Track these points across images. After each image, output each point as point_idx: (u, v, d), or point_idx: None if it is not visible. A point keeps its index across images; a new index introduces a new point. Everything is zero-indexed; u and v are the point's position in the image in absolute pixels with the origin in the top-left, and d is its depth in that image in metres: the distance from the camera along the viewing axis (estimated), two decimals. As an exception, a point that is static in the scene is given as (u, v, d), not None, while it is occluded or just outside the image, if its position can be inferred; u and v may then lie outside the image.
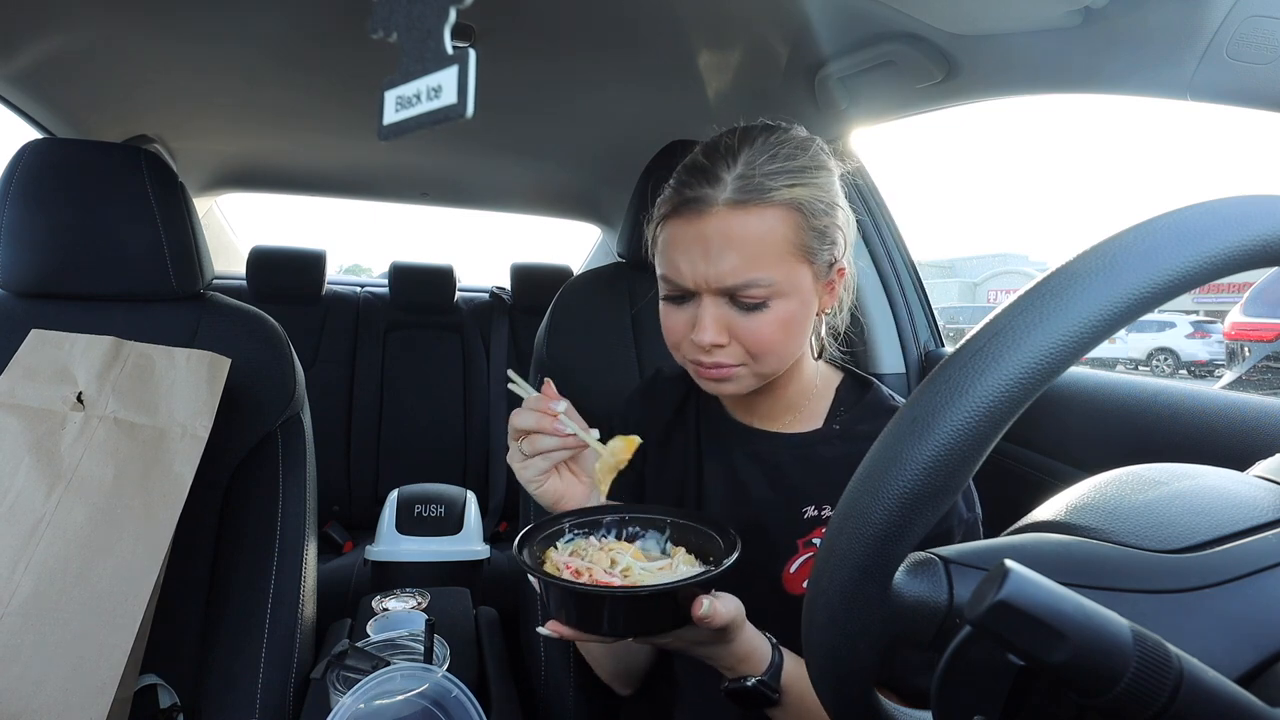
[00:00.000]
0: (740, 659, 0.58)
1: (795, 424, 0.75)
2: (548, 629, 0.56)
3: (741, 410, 0.78)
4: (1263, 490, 0.39)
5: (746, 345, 0.65)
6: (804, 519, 0.70)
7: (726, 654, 0.58)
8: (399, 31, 0.35)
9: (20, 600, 0.67)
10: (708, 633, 0.55)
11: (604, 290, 1.11)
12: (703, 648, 0.58)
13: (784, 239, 0.63)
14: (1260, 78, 0.69)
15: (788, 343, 0.66)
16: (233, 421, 0.90)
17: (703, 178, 0.64)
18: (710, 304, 0.64)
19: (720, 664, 0.59)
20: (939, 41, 0.95)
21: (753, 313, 0.64)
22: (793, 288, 0.64)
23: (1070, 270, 0.30)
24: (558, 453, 0.66)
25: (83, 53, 1.20)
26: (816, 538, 0.69)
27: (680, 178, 0.66)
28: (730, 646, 0.57)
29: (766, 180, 0.62)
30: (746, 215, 0.62)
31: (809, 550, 0.69)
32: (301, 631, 0.93)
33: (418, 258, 2.30)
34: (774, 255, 0.63)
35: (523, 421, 0.65)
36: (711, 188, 0.63)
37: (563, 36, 1.15)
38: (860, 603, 0.33)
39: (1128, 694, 0.25)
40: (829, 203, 0.66)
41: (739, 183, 0.62)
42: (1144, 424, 0.89)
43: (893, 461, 0.31)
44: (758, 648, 0.59)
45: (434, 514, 1.47)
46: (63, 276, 0.92)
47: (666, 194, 0.67)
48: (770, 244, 0.62)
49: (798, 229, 0.63)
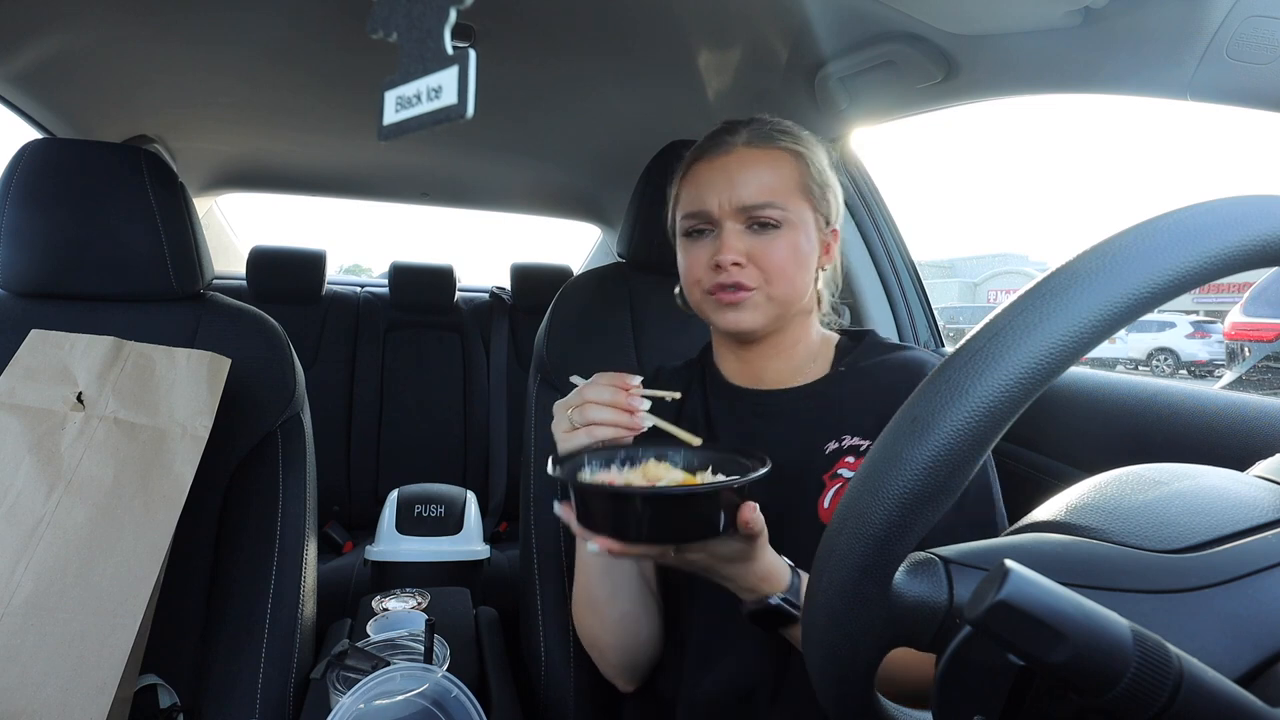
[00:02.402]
0: (761, 578, 0.60)
1: (804, 378, 0.78)
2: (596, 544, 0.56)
3: (752, 379, 0.80)
4: (1263, 490, 0.39)
5: (762, 266, 0.72)
6: (826, 454, 0.73)
7: (749, 573, 0.59)
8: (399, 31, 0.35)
9: (20, 600, 0.67)
10: (738, 547, 0.57)
11: (604, 290, 1.11)
12: (729, 565, 0.59)
13: (792, 178, 0.74)
14: (1260, 78, 0.69)
15: (797, 271, 0.74)
16: (233, 421, 0.90)
17: (722, 132, 0.77)
18: (730, 228, 0.73)
19: (742, 584, 0.60)
20: (939, 41, 0.95)
21: (768, 233, 0.73)
22: (800, 222, 0.74)
23: (1070, 270, 0.30)
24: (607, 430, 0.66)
25: (83, 53, 1.20)
26: (842, 469, 0.72)
27: (701, 141, 0.78)
28: (753, 565, 0.59)
29: (775, 134, 0.75)
30: (762, 153, 0.74)
31: (837, 482, 0.72)
32: (301, 631, 0.93)
33: (418, 258, 2.30)
34: (785, 188, 0.73)
35: (594, 394, 0.67)
36: (731, 135, 0.76)
37: (563, 36, 1.15)
38: (860, 603, 0.33)
39: (1128, 694, 0.25)
40: (823, 169, 0.77)
41: (752, 133, 0.75)
42: (1144, 424, 0.89)
43: (893, 462, 0.31)
44: (778, 568, 0.61)
45: (434, 514, 1.47)
46: (63, 276, 0.92)
47: (689, 153, 0.79)
48: (781, 179, 0.73)
49: (802, 174, 0.74)
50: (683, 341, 1.03)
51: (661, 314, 1.09)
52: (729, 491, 0.54)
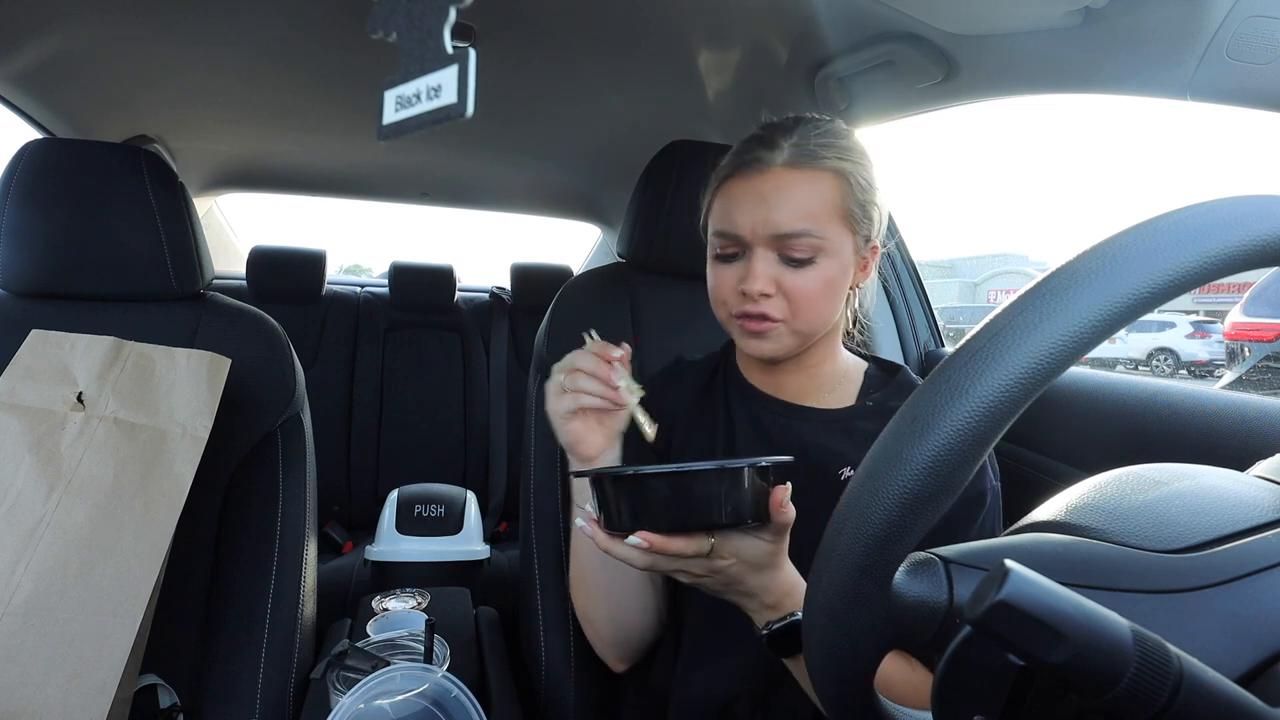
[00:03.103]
0: (786, 592, 0.58)
1: (827, 402, 0.77)
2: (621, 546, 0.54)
3: (774, 386, 0.79)
4: (1263, 490, 0.39)
5: (791, 299, 0.69)
6: (841, 480, 0.72)
7: (776, 585, 0.57)
8: (399, 31, 0.35)
9: (20, 600, 0.67)
10: (766, 548, 0.55)
11: (604, 290, 1.11)
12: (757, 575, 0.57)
13: (832, 202, 0.69)
14: (1260, 78, 0.69)
15: (828, 303, 0.71)
16: (233, 421, 0.90)
17: (760, 144, 0.71)
18: (761, 255, 0.70)
19: (767, 599, 0.58)
20: (939, 41, 0.95)
21: (800, 268, 0.69)
22: (837, 249, 0.70)
23: (1070, 270, 0.30)
24: (591, 399, 0.66)
25: (83, 53, 1.20)
26: None
27: (739, 147, 0.73)
28: (780, 575, 0.57)
29: (819, 149, 0.69)
30: (800, 175, 0.69)
31: None
32: (301, 631, 0.93)
33: (418, 258, 2.29)
34: (824, 214, 0.69)
35: (581, 361, 0.67)
36: (769, 151, 0.70)
37: (563, 36, 1.15)
38: (860, 603, 0.33)
39: (1128, 694, 0.25)
40: (869, 183, 0.71)
41: (794, 149, 0.69)
42: (1144, 424, 0.89)
43: (893, 461, 0.31)
44: (800, 582, 0.59)
45: (434, 514, 1.47)
46: (63, 276, 0.92)
47: (725, 161, 0.74)
48: (821, 204, 0.69)
49: (845, 196, 0.69)
50: (683, 342, 1.03)
51: (662, 314, 1.08)
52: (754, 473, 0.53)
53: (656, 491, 0.53)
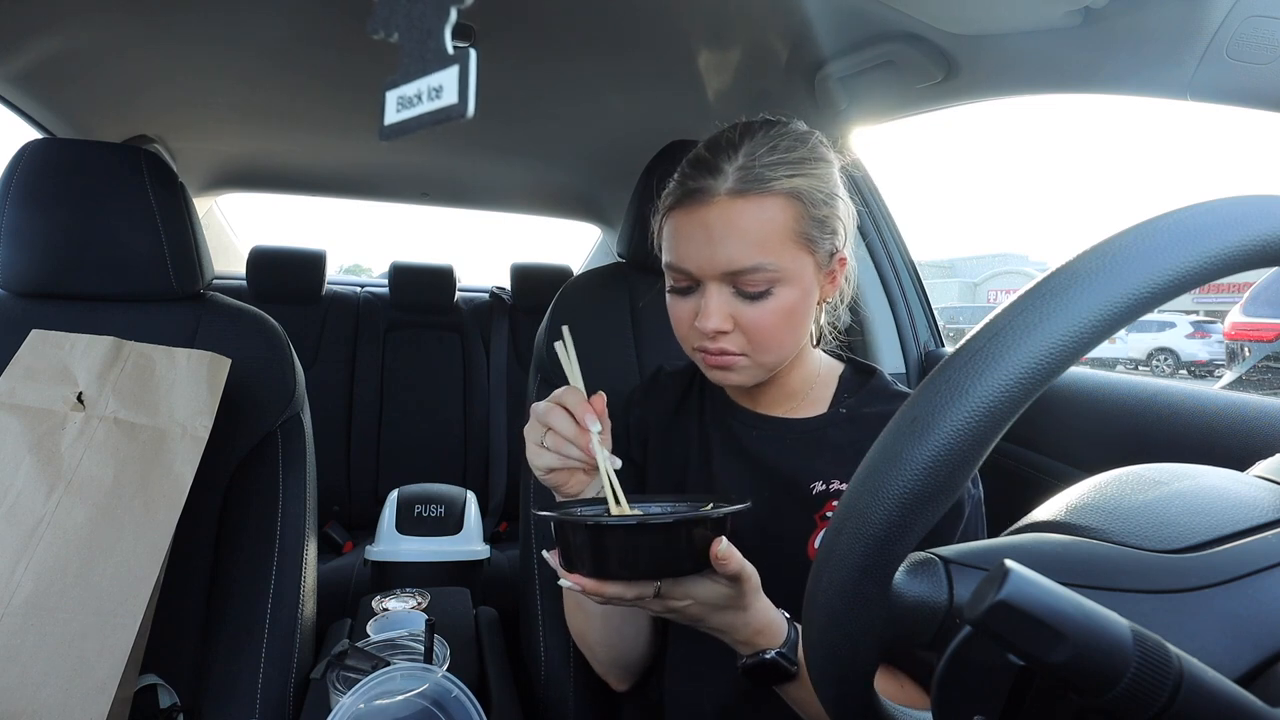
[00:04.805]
0: (757, 630, 0.58)
1: (800, 410, 0.76)
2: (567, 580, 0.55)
3: (747, 398, 0.78)
4: (1263, 490, 0.39)
5: (749, 334, 0.66)
6: (814, 494, 0.71)
7: (743, 624, 0.58)
8: (399, 31, 0.35)
9: (20, 600, 0.67)
10: (723, 591, 0.55)
11: (604, 290, 1.11)
12: (720, 614, 0.57)
13: (785, 227, 0.64)
14: (1260, 78, 0.69)
15: (790, 332, 0.68)
16: (233, 421, 0.90)
17: (705, 170, 0.65)
18: (714, 291, 0.66)
19: (737, 636, 0.58)
20: (939, 41, 0.95)
21: (756, 301, 0.65)
22: (795, 276, 0.65)
23: (1070, 270, 0.30)
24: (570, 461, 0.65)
25: (83, 53, 1.20)
26: (830, 511, 0.70)
27: (684, 171, 0.68)
28: (747, 615, 0.57)
29: (766, 171, 0.64)
30: (747, 204, 0.64)
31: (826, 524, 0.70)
32: (301, 631, 0.93)
33: (418, 258, 2.30)
34: (776, 242, 0.64)
35: (558, 425, 0.63)
36: (713, 178, 0.64)
37: (563, 36, 1.15)
38: (860, 603, 0.33)
39: (1128, 694, 0.25)
40: (829, 193, 0.67)
41: (740, 173, 0.64)
42: (1144, 424, 0.89)
43: (893, 462, 0.31)
44: (774, 620, 0.59)
45: (434, 514, 1.47)
46: (63, 277, 0.92)
47: (670, 187, 0.69)
48: (772, 231, 0.64)
49: (798, 218, 0.65)
50: (683, 341, 1.03)
51: (661, 314, 1.08)
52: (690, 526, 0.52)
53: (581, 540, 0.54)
